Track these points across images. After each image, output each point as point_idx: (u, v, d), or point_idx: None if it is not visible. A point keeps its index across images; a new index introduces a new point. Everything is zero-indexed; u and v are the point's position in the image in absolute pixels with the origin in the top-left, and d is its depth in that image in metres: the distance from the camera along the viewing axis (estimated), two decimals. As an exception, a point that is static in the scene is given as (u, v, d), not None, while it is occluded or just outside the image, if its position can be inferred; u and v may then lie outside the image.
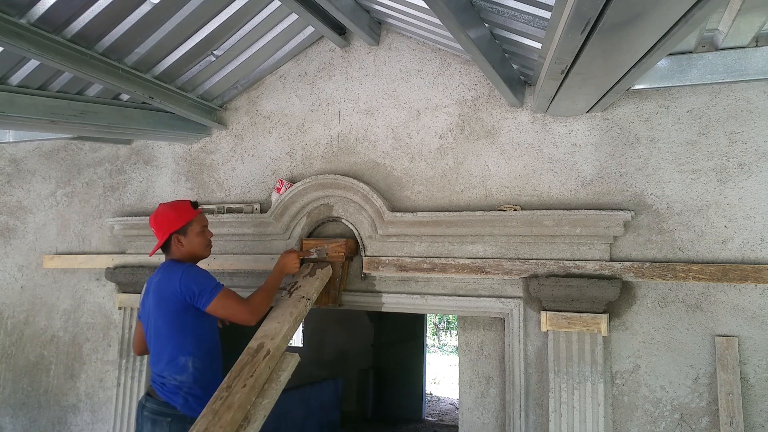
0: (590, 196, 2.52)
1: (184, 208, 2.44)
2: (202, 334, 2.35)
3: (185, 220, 2.41)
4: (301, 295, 2.56)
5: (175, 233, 2.40)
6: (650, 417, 2.33)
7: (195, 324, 2.32)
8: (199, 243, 2.45)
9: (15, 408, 3.60)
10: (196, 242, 2.44)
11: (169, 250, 2.45)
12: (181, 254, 2.43)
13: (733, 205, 2.31)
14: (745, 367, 2.23)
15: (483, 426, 2.68)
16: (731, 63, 2.25)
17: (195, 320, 2.31)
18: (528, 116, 2.67)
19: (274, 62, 3.16)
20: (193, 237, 2.43)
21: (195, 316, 2.31)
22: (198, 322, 2.33)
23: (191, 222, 2.43)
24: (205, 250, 2.49)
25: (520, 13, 1.93)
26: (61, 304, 3.58)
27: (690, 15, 1.36)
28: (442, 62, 2.86)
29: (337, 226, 2.94)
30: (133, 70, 2.62)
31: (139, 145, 3.52)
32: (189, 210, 2.44)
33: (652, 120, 2.46)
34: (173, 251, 2.43)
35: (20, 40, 2.06)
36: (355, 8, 2.67)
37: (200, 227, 2.46)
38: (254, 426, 2.03)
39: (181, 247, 2.42)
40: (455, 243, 2.67)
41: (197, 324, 2.33)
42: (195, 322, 2.32)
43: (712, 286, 2.31)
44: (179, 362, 2.29)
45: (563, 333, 2.39)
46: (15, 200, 3.81)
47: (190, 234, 2.42)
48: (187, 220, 2.42)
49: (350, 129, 3.01)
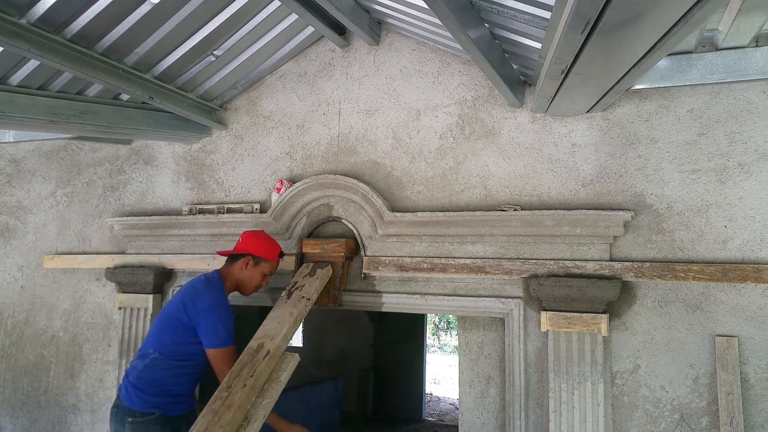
0: (590, 196, 2.51)
1: (275, 249, 2.63)
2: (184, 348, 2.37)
3: (267, 257, 2.58)
4: (301, 295, 2.56)
5: (252, 255, 2.55)
6: (650, 417, 2.33)
7: (183, 340, 2.36)
8: (256, 280, 2.58)
9: (15, 408, 3.60)
10: (255, 278, 2.58)
11: (232, 264, 2.57)
12: (235, 275, 2.55)
13: (733, 205, 2.31)
14: (745, 367, 2.23)
15: (483, 426, 2.68)
16: (731, 63, 2.25)
17: (185, 338, 2.36)
18: (528, 116, 2.67)
19: (274, 62, 3.16)
20: (257, 273, 2.57)
21: (187, 335, 2.35)
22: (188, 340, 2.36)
23: (268, 261, 2.60)
24: (253, 289, 2.62)
25: (520, 13, 1.93)
26: (61, 304, 3.58)
27: (690, 15, 1.36)
28: (442, 62, 2.86)
29: (337, 226, 2.94)
30: (133, 70, 2.62)
31: (139, 145, 3.52)
32: (276, 253, 2.62)
33: (652, 120, 2.46)
34: (234, 268, 2.56)
35: (20, 40, 2.06)
36: (355, 8, 2.67)
37: (269, 271, 2.62)
38: (254, 426, 2.03)
39: (243, 271, 2.55)
40: (455, 243, 2.67)
41: (186, 341, 2.36)
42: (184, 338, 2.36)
43: (712, 286, 2.31)
44: (146, 351, 2.38)
45: (563, 333, 2.39)
46: (15, 200, 3.81)
47: (258, 269, 2.57)
48: (269, 257, 2.59)
49: (350, 129, 3.01)
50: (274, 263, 2.62)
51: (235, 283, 2.56)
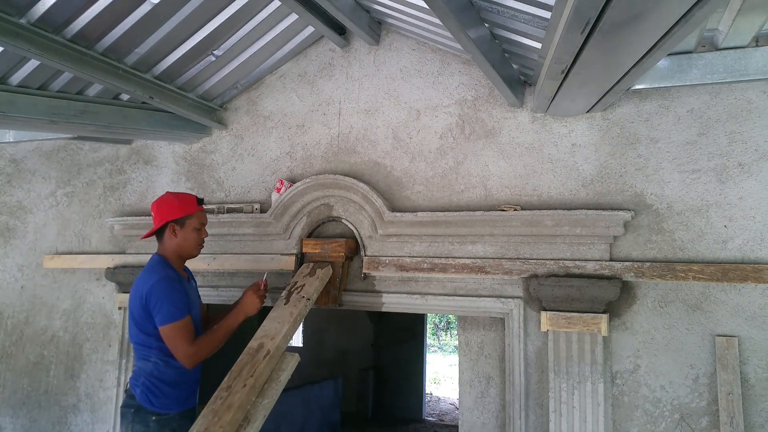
0: (590, 196, 2.52)
1: (188, 200, 2.45)
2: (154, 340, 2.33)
3: (186, 212, 2.42)
4: (301, 295, 2.56)
5: (172, 222, 2.40)
6: (650, 417, 2.33)
7: (152, 331, 2.32)
8: (192, 239, 2.44)
9: (15, 408, 3.60)
10: (190, 237, 2.43)
11: (162, 239, 2.44)
12: (171, 246, 2.42)
13: (733, 205, 2.31)
14: (745, 367, 2.23)
15: (483, 426, 2.68)
16: (731, 63, 2.25)
17: (151, 327, 2.31)
18: (528, 116, 2.67)
19: (274, 62, 3.16)
20: (189, 231, 2.43)
21: (150, 322, 2.31)
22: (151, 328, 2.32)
23: (191, 216, 2.43)
24: (196, 248, 2.48)
25: (520, 13, 1.92)
26: (61, 304, 3.58)
27: (690, 15, 1.36)
28: (442, 62, 2.86)
29: (337, 226, 2.94)
30: (133, 70, 2.62)
31: (139, 145, 3.52)
32: (193, 204, 2.45)
33: (652, 120, 2.46)
34: (165, 241, 2.43)
35: (20, 40, 2.06)
36: (355, 8, 2.67)
37: (198, 223, 2.46)
38: (254, 426, 2.03)
39: (174, 238, 2.41)
40: (455, 243, 2.67)
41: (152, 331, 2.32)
42: (150, 328, 2.32)
43: (712, 286, 2.31)
44: (143, 352, 2.34)
45: (563, 333, 2.39)
46: (15, 200, 3.81)
47: (187, 228, 2.42)
48: (188, 212, 2.42)
49: (350, 129, 3.01)
50: (198, 213, 2.45)
51: (176, 252, 2.43)
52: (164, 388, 2.31)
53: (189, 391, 2.43)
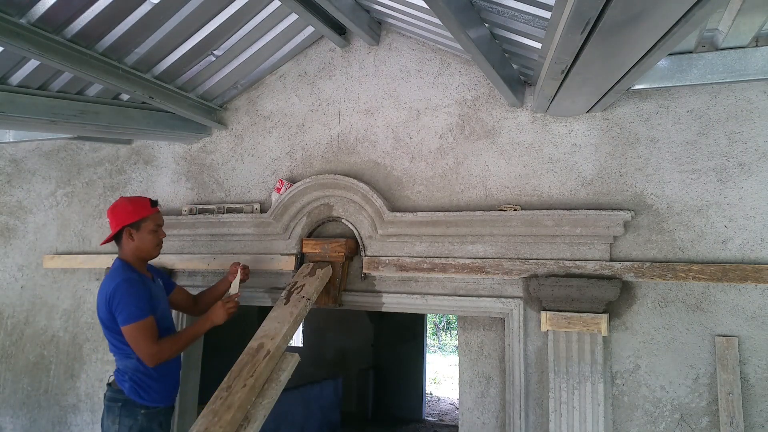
0: (590, 196, 2.51)
1: (142, 204, 2.50)
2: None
3: (140, 216, 2.46)
4: (302, 295, 2.56)
5: (128, 227, 2.44)
6: (650, 417, 2.33)
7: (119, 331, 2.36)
8: (149, 241, 2.48)
9: (15, 408, 3.60)
10: (147, 239, 2.47)
11: (120, 244, 2.49)
12: (130, 249, 2.47)
13: (733, 205, 2.31)
14: (745, 367, 2.23)
15: (483, 426, 2.68)
16: (731, 63, 2.25)
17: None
18: (528, 116, 2.67)
19: (274, 62, 3.16)
20: (145, 234, 2.47)
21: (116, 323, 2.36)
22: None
23: (146, 218, 2.47)
24: (154, 249, 2.52)
25: (520, 13, 1.92)
26: (61, 304, 3.58)
27: (690, 15, 1.36)
28: (442, 62, 2.86)
29: (337, 226, 2.94)
30: (133, 70, 2.62)
31: (139, 145, 3.52)
32: (146, 207, 2.50)
33: (652, 120, 2.46)
34: (123, 245, 2.47)
35: (20, 40, 2.06)
36: (355, 8, 2.67)
37: (154, 225, 2.50)
38: (254, 426, 2.03)
39: (131, 242, 2.45)
40: (455, 243, 2.67)
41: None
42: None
43: (712, 286, 2.31)
44: (123, 350, 2.37)
45: (563, 333, 2.39)
46: (15, 200, 3.81)
47: (143, 230, 2.46)
48: (142, 215, 2.46)
49: (350, 129, 3.01)
50: (152, 215, 2.49)
51: (135, 255, 2.47)
52: (150, 382, 2.39)
53: (173, 383, 2.52)
